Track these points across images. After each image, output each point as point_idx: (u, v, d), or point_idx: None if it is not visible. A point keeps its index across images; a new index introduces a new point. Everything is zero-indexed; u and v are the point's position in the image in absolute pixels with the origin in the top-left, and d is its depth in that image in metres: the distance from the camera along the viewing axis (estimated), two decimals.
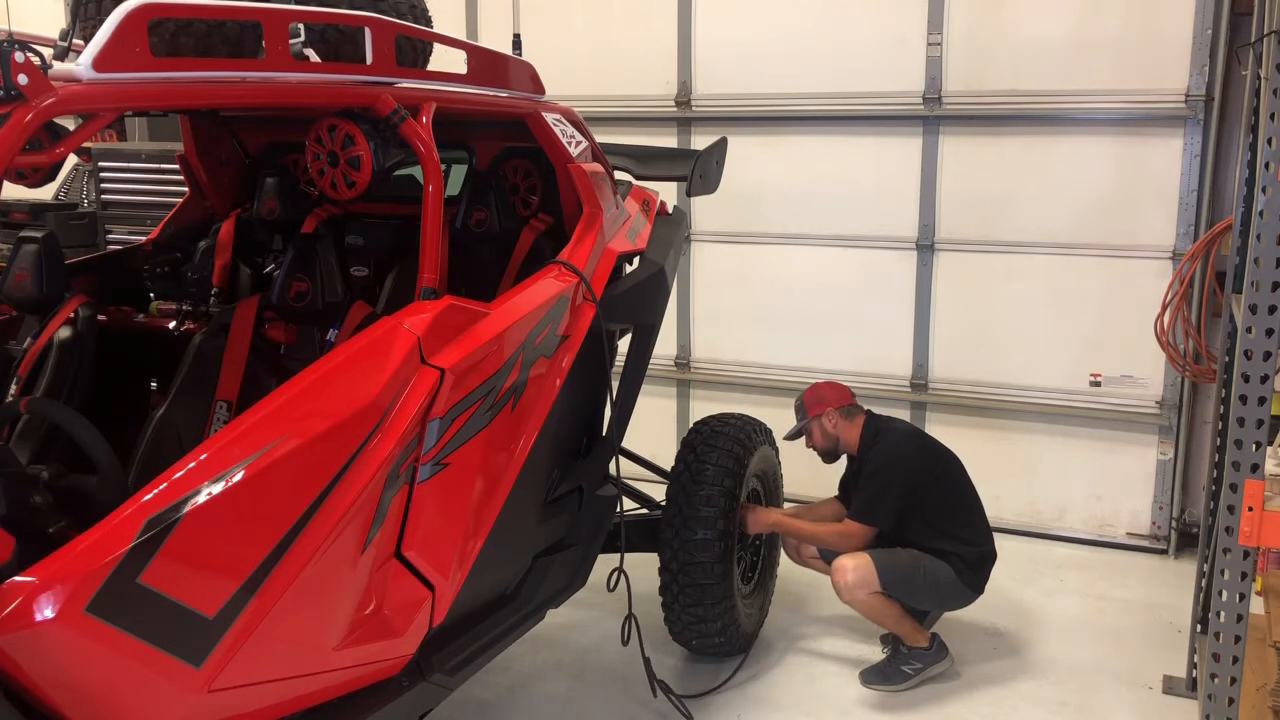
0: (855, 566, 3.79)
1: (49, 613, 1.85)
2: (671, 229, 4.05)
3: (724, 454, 3.91)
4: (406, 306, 2.71)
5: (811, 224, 5.66)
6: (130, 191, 6.30)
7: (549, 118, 3.46)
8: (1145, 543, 5.25)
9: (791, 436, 4.19)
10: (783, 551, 4.38)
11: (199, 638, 2.11)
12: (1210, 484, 3.75)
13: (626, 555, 3.68)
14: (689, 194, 4.21)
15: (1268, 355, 2.59)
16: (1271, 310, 2.57)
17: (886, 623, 3.93)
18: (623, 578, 3.51)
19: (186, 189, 3.91)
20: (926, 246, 5.43)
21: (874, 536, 3.88)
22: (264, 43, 2.51)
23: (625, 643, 3.52)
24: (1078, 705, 3.82)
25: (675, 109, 5.83)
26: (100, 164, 6.35)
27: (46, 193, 6.42)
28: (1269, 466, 2.63)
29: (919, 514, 3.91)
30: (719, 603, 3.81)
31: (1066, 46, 5.02)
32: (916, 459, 3.97)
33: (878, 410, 4.21)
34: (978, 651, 4.19)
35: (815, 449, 4.16)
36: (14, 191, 5.85)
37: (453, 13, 6.06)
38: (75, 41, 2.53)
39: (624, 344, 3.85)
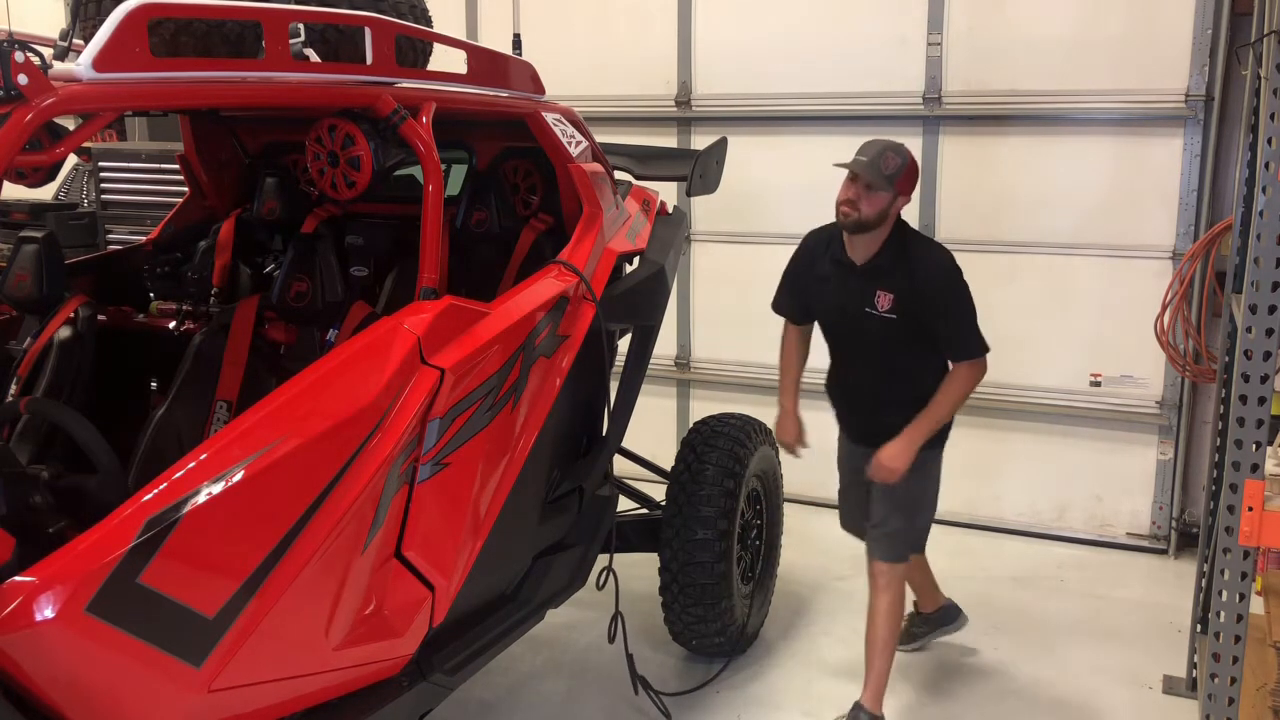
0: (886, 584, 3.47)
1: (49, 613, 1.85)
2: (671, 229, 4.05)
3: (724, 454, 3.91)
4: (406, 306, 2.71)
5: (812, 224, 5.60)
6: (130, 191, 6.29)
7: (549, 118, 3.46)
8: (1145, 543, 5.25)
9: (855, 168, 3.24)
10: (781, 554, 4.38)
11: (199, 638, 2.11)
12: (1210, 484, 3.75)
13: (627, 555, 3.67)
14: (689, 194, 4.21)
15: (1268, 355, 2.59)
16: (1271, 310, 2.57)
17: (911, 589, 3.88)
18: (611, 576, 3.52)
19: (186, 189, 3.92)
20: None
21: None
22: (264, 43, 2.51)
23: (611, 640, 3.53)
24: (1078, 705, 3.82)
25: (675, 109, 5.83)
26: (100, 164, 6.34)
27: (46, 193, 6.42)
28: (1269, 466, 2.63)
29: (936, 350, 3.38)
30: (719, 603, 3.81)
31: (1066, 46, 5.02)
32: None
33: None
34: (978, 651, 4.19)
35: (853, 211, 3.25)
36: (14, 191, 5.85)
37: (453, 13, 6.06)
38: (75, 41, 2.53)
39: (624, 344, 3.86)
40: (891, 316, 3.29)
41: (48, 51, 2.15)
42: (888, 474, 3.32)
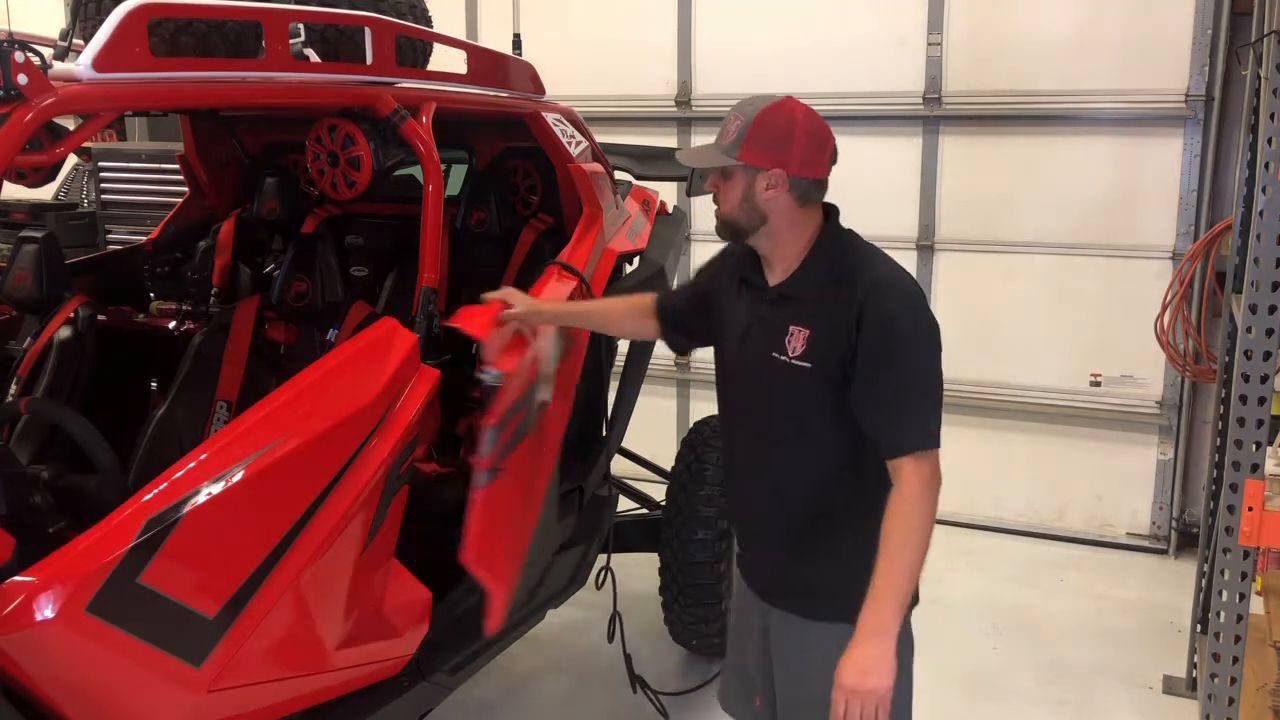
0: None
1: (49, 613, 1.85)
2: (671, 229, 4.05)
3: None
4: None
5: None
6: (130, 191, 6.29)
7: (549, 118, 3.46)
8: (1145, 543, 5.25)
9: (683, 160, 2.40)
10: None
11: (199, 638, 2.10)
12: (1210, 484, 3.75)
13: (627, 555, 3.67)
14: (689, 194, 4.21)
15: (1268, 355, 2.59)
16: (1271, 310, 2.57)
17: None
18: (609, 576, 3.51)
19: (186, 189, 3.92)
20: (926, 246, 5.43)
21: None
22: (264, 43, 2.51)
23: (610, 640, 3.53)
24: (1078, 705, 3.82)
25: (675, 109, 5.83)
26: (100, 164, 6.35)
27: (46, 193, 6.42)
28: (1269, 466, 2.63)
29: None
30: (719, 603, 3.81)
31: (1066, 46, 5.02)
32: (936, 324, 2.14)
33: None
34: (978, 651, 4.19)
35: (718, 214, 2.23)
36: (14, 191, 5.85)
37: (453, 13, 6.06)
38: (75, 41, 2.52)
39: (624, 344, 3.85)
40: (803, 365, 2.10)
41: (48, 51, 2.15)
42: (863, 705, 1.97)
